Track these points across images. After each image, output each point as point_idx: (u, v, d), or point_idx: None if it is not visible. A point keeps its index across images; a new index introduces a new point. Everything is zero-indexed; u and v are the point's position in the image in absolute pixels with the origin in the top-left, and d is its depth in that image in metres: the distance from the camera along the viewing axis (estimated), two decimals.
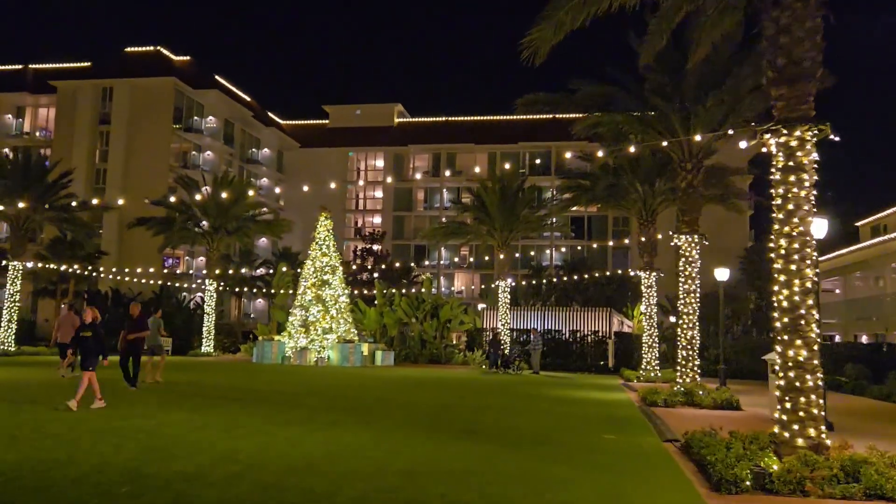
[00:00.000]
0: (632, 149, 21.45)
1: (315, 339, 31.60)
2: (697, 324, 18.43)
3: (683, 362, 18.30)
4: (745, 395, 18.68)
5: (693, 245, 18.51)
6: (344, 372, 26.64)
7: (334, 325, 31.98)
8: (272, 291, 40.06)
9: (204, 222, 36.89)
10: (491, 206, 34.41)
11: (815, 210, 8.93)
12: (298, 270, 36.79)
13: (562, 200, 29.04)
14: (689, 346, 18.28)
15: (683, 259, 18.56)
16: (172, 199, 37.99)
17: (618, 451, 9.82)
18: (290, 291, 37.39)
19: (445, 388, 19.95)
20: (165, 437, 9.35)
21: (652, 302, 27.79)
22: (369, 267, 52.62)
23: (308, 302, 32.29)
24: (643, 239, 27.97)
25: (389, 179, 63.18)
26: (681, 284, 18.58)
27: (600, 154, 22.14)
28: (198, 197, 35.30)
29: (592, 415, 14.42)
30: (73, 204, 32.54)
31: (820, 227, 11.61)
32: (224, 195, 35.27)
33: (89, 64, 56.84)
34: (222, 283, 47.44)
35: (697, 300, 18.46)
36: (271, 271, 50.12)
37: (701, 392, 17.07)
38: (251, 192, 39.11)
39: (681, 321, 18.51)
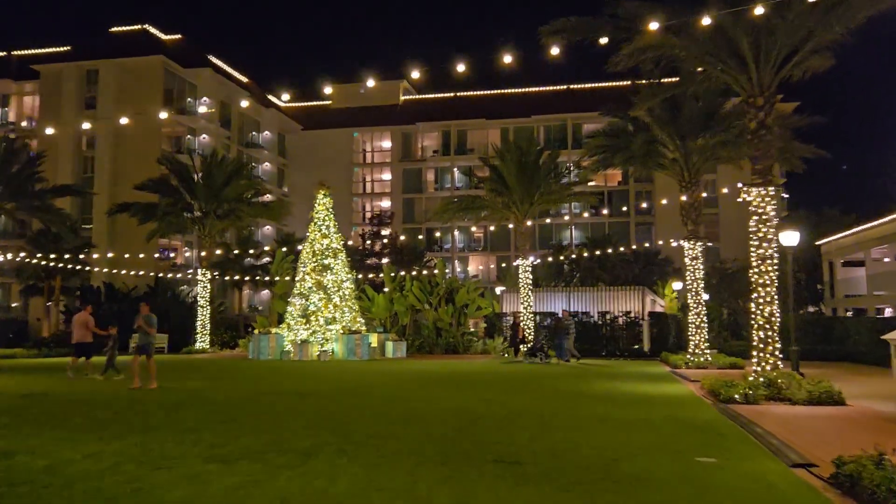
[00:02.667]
0: (674, 92, 17.82)
1: (317, 331, 28.26)
2: (776, 298, 14.77)
3: (762, 345, 14.67)
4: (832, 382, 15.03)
5: (768, 199, 14.85)
6: (348, 367, 23.24)
7: (338, 314, 28.61)
8: (273, 279, 36.70)
9: (195, 207, 33.55)
10: (508, 176, 30.78)
11: None
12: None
13: (592, 163, 25.30)
14: (768, 326, 14.64)
15: (756, 218, 14.90)
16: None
17: (741, 492, 6.29)
18: (289, 279, 34.03)
19: (465, 386, 16.46)
20: (38, 486, 5.91)
21: (698, 276, 24.14)
22: (377, 250, 49.14)
23: (308, 290, 28.93)
24: (686, 202, 24.25)
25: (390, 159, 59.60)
26: (753, 249, 14.93)
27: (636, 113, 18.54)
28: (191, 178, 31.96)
29: (661, 420, 10.88)
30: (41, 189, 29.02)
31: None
32: (215, 176, 31.95)
33: (72, 46, 53.48)
34: (218, 274, 44.25)
35: (775, 267, 14.80)
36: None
37: (787, 382, 13.45)
38: (244, 173, 35.44)
39: (756, 295, 14.88)
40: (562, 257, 45.49)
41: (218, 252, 50.38)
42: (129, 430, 9.39)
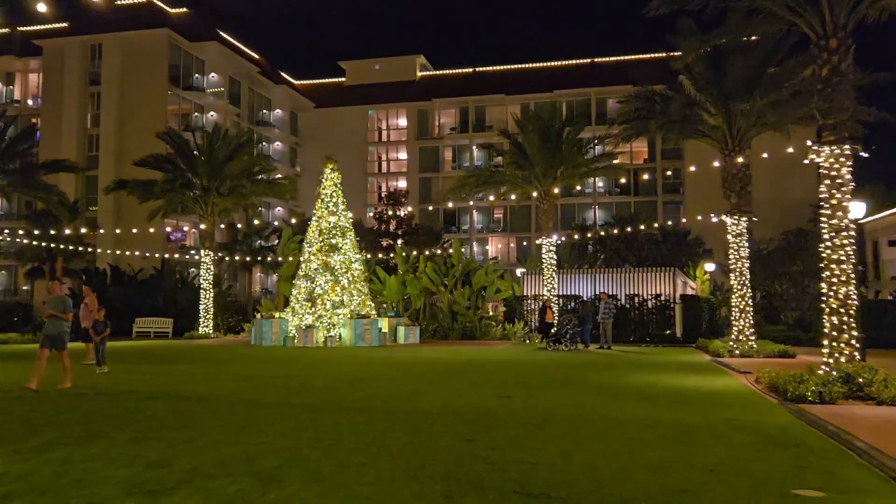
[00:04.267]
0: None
1: (323, 316, 26.24)
2: (853, 277, 12.39)
3: (835, 333, 12.32)
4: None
5: (843, 160, 12.44)
6: (354, 355, 21.19)
7: (346, 297, 26.57)
8: (279, 260, 34.66)
9: (196, 184, 31.59)
10: (530, 148, 28.43)
11: None
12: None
13: (623, 131, 22.85)
14: (843, 310, 12.28)
15: (828, 182, 12.50)
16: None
17: None
18: (297, 260, 32.01)
19: (482, 379, 14.30)
20: None
21: (742, 254, 21.69)
22: (391, 230, 47.02)
23: (314, 271, 26.90)
24: (728, 173, 21.77)
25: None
26: (825, 220, 12.55)
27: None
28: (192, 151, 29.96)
29: (723, 426, 8.65)
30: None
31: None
32: (217, 152, 29.95)
33: (75, 20, 51.57)
34: (223, 256, 42.45)
35: (853, 241, 12.42)
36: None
37: (869, 378, 11.12)
38: (247, 148, 33.30)
39: (827, 273, 12.52)
40: (589, 234, 42.97)
41: (225, 232, 48.68)
42: (60, 440, 7.38)
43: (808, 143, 12.79)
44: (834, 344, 12.29)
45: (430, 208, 63.43)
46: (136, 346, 25.86)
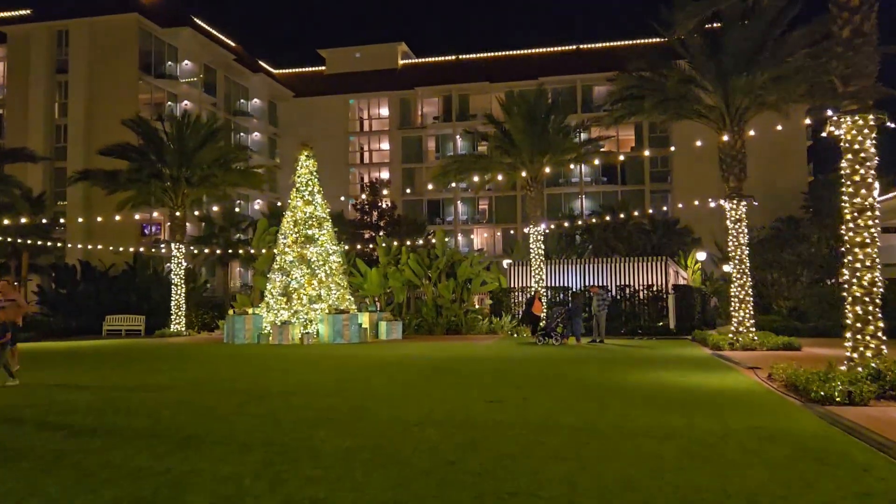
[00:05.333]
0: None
1: (299, 311, 24.78)
2: (877, 261, 11.16)
3: (859, 324, 11.09)
4: None
5: (866, 132, 11.18)
6: (330, 353, 19.78)
7: (323, 291, 25.13)
8: (253, 252, 33.06)
9: (165, 174, 29.92)
10: (515, 132, 27.09)
11: None
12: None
13: (616, 110, 21.50)
14: (868, 298, 11.05)
15: (850, 156, 11.24)
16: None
17: None
18: (272, 253, 30.45)
19: (468, 379, 12.95)
20: None
21: (742, 241, 20.46)
22: (373, 221, 45.51)
23: (289, 264, 25.42)
24: (727, 154, 20.52)
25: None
26: (847, 199, 11.30)
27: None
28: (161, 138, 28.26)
29: (749, 436, 7.36)
30: None
31: None
32: (187, 139, 28.32)
33: (41, 5, 49.55)
34: (196, 249, 40.84)
35: (877, 222, 11.16)
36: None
37: None
38: (219, 136, 31.59)
39: (850, 258, 11.27)
40: (579, 222, 41.70)
41: (200, 225, 46.97)
42: None
43: (829, 112, 11.50)
44: (858, 337, 11.07)
45: (414, 199, 62.06)
46: (95, 346, 24.27)
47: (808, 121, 23.46)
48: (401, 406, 9.57)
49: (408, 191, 60.43)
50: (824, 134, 11.76)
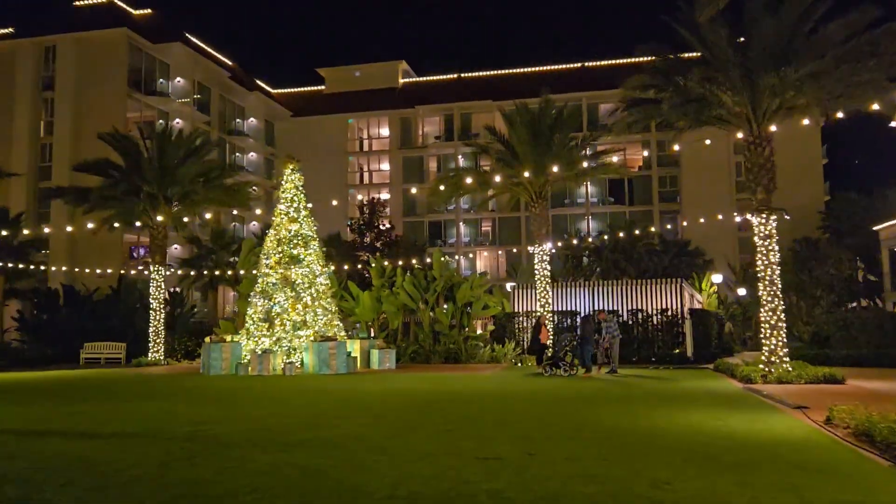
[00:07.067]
0: None
1: (282, 338, 22.58)
2: None
3: None
4: None
5: None
6: (311, 386, 17.53)
7: (309, 316, 22.96)
8: (240, 275, 30.89)
9: (143, 191, 27.90)
10: (519, 143, 25.12)
11: None
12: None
13: (629, 115, 19.43)
14: None
15: None
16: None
17: None
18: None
19: (463, 424, 10.70)
20: None
21: (773, 259, 18.29)
22: (368, 242, 43.43)
23: (272, 287, 23.26)
24: (753, 163, 18.42)
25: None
26: None
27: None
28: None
29: None
30: None
31: None
32: (169, 155, 26.38)
33: (28, 21, 47.96)
34: (182, 272, 38.76)
35: None
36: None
37: None
38: (203, 152, 29.53)
39: None
40: (590, 240, 39.46)
41: (187, 247, 44.93)
42: None
43: None
44: None
45: (415, 220, 60.07)
46: (57, 377, 22.07)
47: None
48: (369, 468, 7.34)
49: (409, 213, 58.46)
50: (893, 124, 9.61)
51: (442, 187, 24.84)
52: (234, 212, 51.03)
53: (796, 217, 49.65)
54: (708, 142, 21.97)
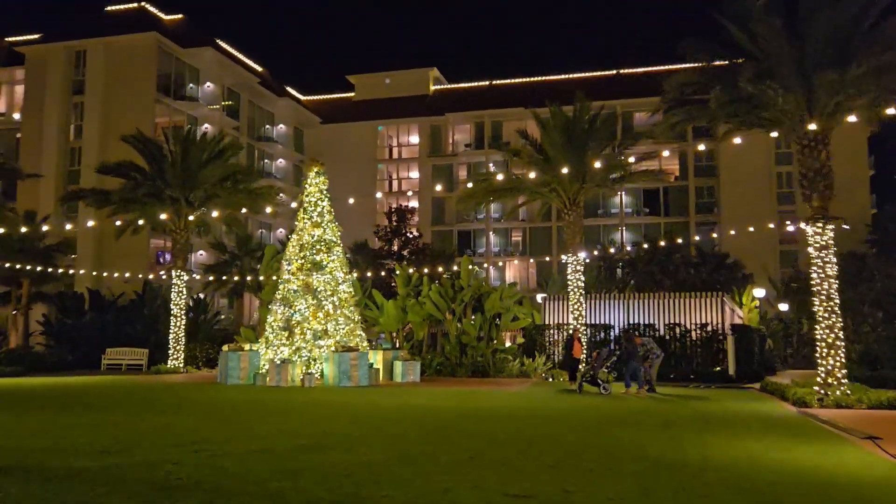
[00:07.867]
0: None
1: (302, 348, 21.61)
2: None
3: None
4: None
5: None
6: (327, 399, 16.48)
7: (330, 325, 21.96)
8: (262, 280, 30.05)
9: (165, 194, 27.28)
10: (552, 147, 23.97)
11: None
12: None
13: (673, 115, 18.15)
14: None
15: None
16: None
17: None
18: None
19: (489, 452, 9.54)
20: None
21: (830, 272, 16.85)
22: (395, 250, 42.44)
23: (293, 294, 22.33)
24: (808, 168, 17.02)
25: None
26: None
27: None
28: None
29: None
30: None
31: None
32: (192, 157, 25.74)
33: (59, 26, 48.14)
34: (207, 278, 38.16)
35: None
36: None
37: None
38: (227, 154, 28.79)
39: None
40: (628, 248, 37.98)
41: (213, 253, 44.44)
42: None
43: None
44: None
45: (444, 229, 59.00)
46: (66, 384, 21.37)
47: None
48: None
49: (438, 222, 57.44)
50: None
51: (470, 184, 23.63)
52: (262, 219, 50.54)
53: (841, 231, 47.71)
54: (738, 140, 20.44)
